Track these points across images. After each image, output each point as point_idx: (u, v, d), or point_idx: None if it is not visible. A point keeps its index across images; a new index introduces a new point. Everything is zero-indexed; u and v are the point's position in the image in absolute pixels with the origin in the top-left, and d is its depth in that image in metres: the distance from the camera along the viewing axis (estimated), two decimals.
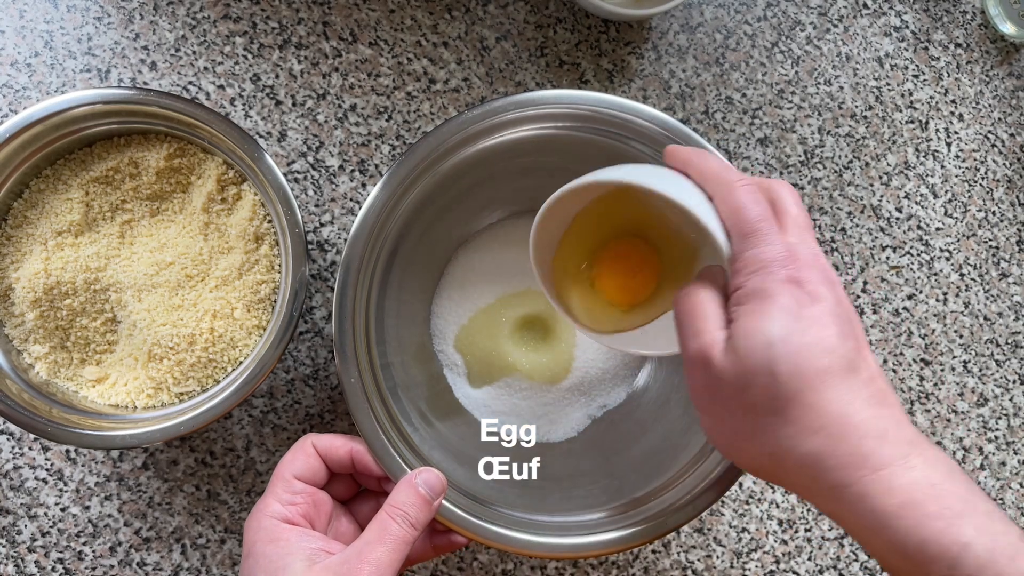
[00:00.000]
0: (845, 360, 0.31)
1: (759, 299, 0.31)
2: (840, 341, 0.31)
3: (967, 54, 0.60)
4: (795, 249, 0.32)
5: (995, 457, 0.57)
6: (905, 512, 0.29)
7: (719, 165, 0.35)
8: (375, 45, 0.54)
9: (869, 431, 0.30)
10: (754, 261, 0.32)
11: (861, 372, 0.31)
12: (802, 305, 0.31)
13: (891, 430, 0.30)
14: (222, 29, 0.53)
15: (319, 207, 0.52)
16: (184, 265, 0.45)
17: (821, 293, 0.31)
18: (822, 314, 0.31)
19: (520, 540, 0.40)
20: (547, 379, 0.50)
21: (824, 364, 0.30)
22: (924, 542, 0.28)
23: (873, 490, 0.29)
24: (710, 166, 0.35)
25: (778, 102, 0.57)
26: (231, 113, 0.52)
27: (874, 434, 0.30)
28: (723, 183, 0.34)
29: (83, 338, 0.45)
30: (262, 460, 0.51)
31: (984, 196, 0.59)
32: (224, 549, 0.50)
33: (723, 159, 0.37)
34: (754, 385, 0.31)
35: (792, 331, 0.30)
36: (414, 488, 0.38)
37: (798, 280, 0.31)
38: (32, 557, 0.49)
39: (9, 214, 0.45)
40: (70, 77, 0.51)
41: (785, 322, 0.30)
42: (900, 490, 0.29)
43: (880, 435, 0.30)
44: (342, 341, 0.41)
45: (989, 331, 0.58)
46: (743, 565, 0.54)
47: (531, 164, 0.47)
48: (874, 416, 0.30)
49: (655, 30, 0.56)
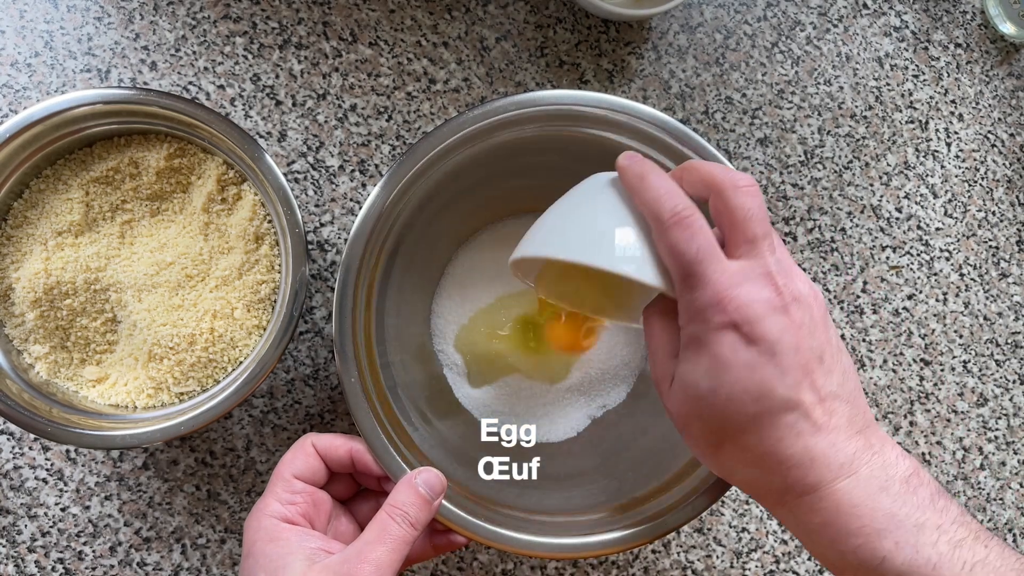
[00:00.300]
0: (780, 401, 0.31)
1: (694, 347, 0.32)
2: (777, 381, 0.31)
3: (967, 54, 0.60)
4: (731, 291, 0.31)
5: (995, 457, 0.57)
6: (825, 530, 0.32)
7: (655, 194, 0.33)
8: (375, 45, 0.54)
9: (798, 462, 0.31)
10: (690, 308, 0.32)
11: (800, 406, 0.31)
12: (736, 351, 0.31)
13: (821, 457, 0.31)
14: (222, 29, 0.53)
15: (319, 207, 0.53)
16: (184, 265, 0.45)
17: (760, 332, 0.31)
18: (756, 358, 0.31)
19: (520, 540, 0.40)
20: (547, 379, 0.51)
21: (752, 411, 0.31)
22: (843, 555, 0.31)
23: (798, 510, 0.32)
24: (647, 197, 0.34)
25: (778, 102, 0.57)
26: (231, 113, 0.52)
27: (804, 464, 0.31)
28: (656, 218, 0.33)
29: (83, 338, 0.45)
30: (262, 460, 0.51)
31: (984, 196, 0.59)
32: (224, 549, 0.50)
33: (662, 181, 0.34)
34: (692, 425, 0.34)
35: (721, 383, 0.31)
36: (414, 488, 0.38)
37: (734, 323, 0.31)
38: (32, 557, 0.49)
39: (9, 214, 0.45)
40: (70, 77, 0.51)
41: (715, 374, 0.31)
42: (822, 511, 0.31)
43: (808, 464, 0.31)
44: (342, 341, 0.41)
45: (989, 331, 0.58)
46: (743, 565, 0.54)
47: (531, 164, 0.47)
48: (805, 447, 0.31)
49: (655, 30, 0.56)
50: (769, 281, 0.31)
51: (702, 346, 0.32)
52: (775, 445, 0.31)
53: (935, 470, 0.56)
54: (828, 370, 0.32)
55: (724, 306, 0.31)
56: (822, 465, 0.31)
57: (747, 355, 0.31)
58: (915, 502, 0.31)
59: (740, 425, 0.32)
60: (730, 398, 0.31)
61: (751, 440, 0.32)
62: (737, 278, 0.31)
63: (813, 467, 0.31)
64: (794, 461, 0.31)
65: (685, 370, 0.33)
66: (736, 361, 0.31)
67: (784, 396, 0.31)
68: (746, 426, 0.32)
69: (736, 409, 0.31)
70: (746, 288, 0.31)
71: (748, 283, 0.31)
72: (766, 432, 0.31)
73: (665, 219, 0.32)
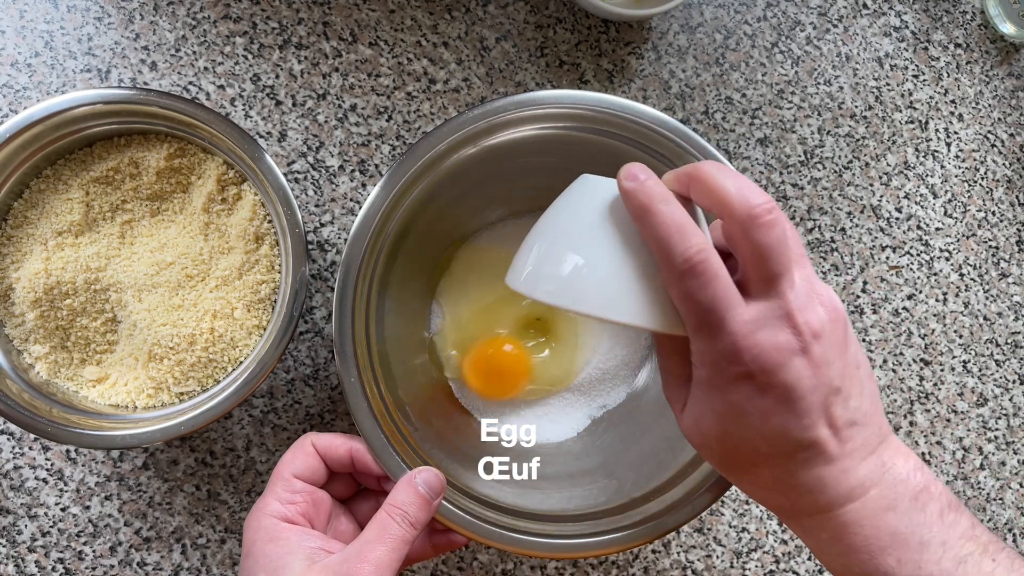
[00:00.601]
0: (794, 443, 0.31)
1: (707, 390, 0.32)
2: (792, 425, 0.30)
3: (967, 54, 0.60)
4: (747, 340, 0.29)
5: (995, 457, 0.57)
6: (832, 545, 0.32)
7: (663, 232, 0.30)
8: (375, 45, 0.54)
9: (809, 489, 0.32)
10: (703, 353, 0.31)
11: (816, 444, 0.31)
12: (751, 399, 0.30)
13: (833, 484, 0.31)
14: (222, 29, 0.53)
15: (319, 207, 0.53)
16: (184, 265, 0.45)
17: (776, 381, 0.29)
18: (772, 406, 0.30)
19: (520, 540, 0.40)
20: (549, 383, 0.50)
21: (765, 452, 0.31)
22: (848, 567, 0.32)
23: (807, 525, 0.33)
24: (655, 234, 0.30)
25: (778, 102, 0.57)
26: (231, 113, 0.52)
27: (815, 491, 0.32)
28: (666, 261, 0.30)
29: (83, 338, 0.45)
30: (262, 460, 0.51)
31: (984, 196, 0.59)
32: (224, 549, 0.50)
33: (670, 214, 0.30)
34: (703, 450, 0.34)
35: (734, 427, 0.31)
36: (414, 488, 0.38)
37: (750, 374, 0.30)
38: (32, 557, 0.49)
39: (9, 214, 0.45)
40: (70, 77, 0.51)
41: (728, 420, 0.31)
42: (830, 528, 0.32)
43: (819, 490, 0.32)
44: (342, 341, 0.41)
45: (989, 331, 0.58)
46: (743, 565, 0.54)
47: (531, 164, 0.47)
48: (818, 476, 0.31)
49: (655, 30, 0.56)
50: (788, 322, 0.30)
51: (715, 391, 0.31)
52: (787, 477, 0.32)
53: (935, 470, 0.56)
54: (846, 398, 0.31)
55: (740, 357, 0.29)
56: (833, 491, 0.31)
57: (762, 403, 0.30)
58: (922, 519, 0.31)
59: (752, 461, 0.32)
60: (744, 440, 0.31)
61: (763, 472, 0.32)
62: (753, 325, 0.29)
63: (824, 493, 0.31)
64: (805, 488, 0.32)
65: (698, 409, 0.33)
66: (751, 409, 0.30)
67: (799, 438, 0.31)
68: (758, 462, 0.32)
69: (750, 449, 0.31)
70: (763, 335, 0.29)
71: (765, 329, 0.29)
72: (779, 467, 0.32)
73: (677, 265, 0.29)
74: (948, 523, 0.31)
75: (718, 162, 0.32)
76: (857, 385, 0.32)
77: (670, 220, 0.30)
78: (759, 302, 0.30)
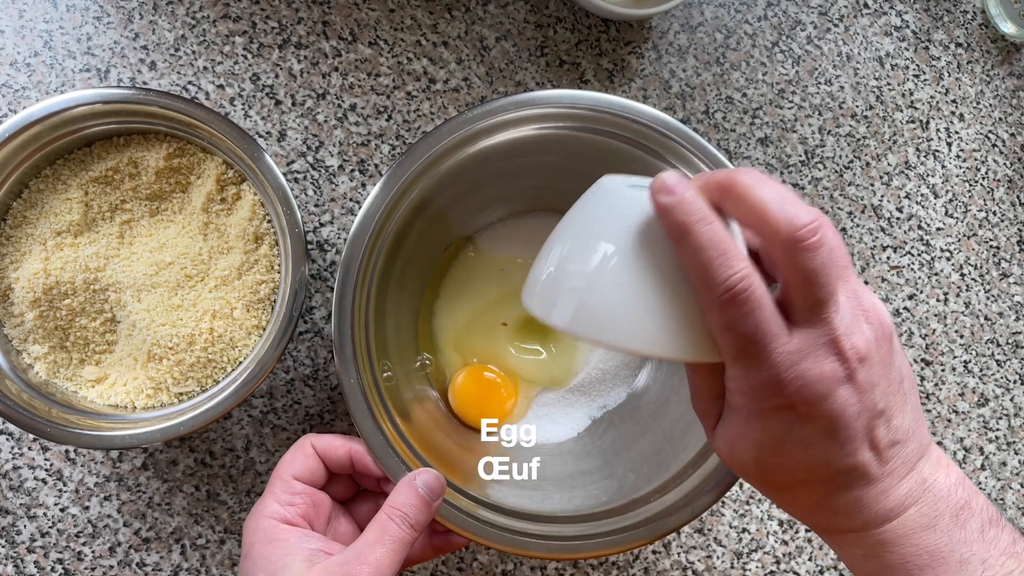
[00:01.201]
0: (834, 471, 0.30)
1: (744, 415, 0.31)
2: (834, 454, 0.29)
3: (968, 54, 0.60)
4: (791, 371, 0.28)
5: (995, 457, 0.57)
6: (867, 562, 0.32)
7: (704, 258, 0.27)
8: (375, 45, 0.54)
9: (847, 510, 0.31)
10: (741, 381, 0.29)
11: (856, 469, 0.30)
12: (791, 430, 0.29)
13: (871, 504, 0.31)
14: (222, 29, 0.52)
15: (319, 207, 0.52)
16: (184, 265, 0.45)
17: (819, 412, 0.28)
18: (813, 435, 0.29)
19: (520, 541, 0.40)
20: (548, 383, 0.50)
21: (803, 478, 0.31)
22: None
23: (842, 541, 0.33)
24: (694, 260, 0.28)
25: (778, 102, 0.57)
26: (231, 113, 0.52)
27: (852, 512, 0.31)
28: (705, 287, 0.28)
29: (82, 338, 0.45)
30: (262, 460, 0.51)
31: (985, 196, 0.59)
32: (224, 549, 0.50)
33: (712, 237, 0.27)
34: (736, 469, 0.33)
35: (771, 456, 0.31)
36: (413, 489, 0.38)
37: (792, 405, 0.28)
38: (32, 557, 0.49)
39: (8, 214, 0.45)
40: (69, 77, 0.51)
41: (766, 448, 0.30)
42: (866, 547, 0.32)
43: (857, 512, 0.31)
44: (342, 341, 0.41)
45: (990, 331, 0.58)
46: (743, 565, 0.53)
47: (531, 164, 0.47)
48: (856, 497, 0.31)
49: (655, 30, 0.56)
50: (833, 349, 0.28)
51: (753, 418, 0.30)
52: (824, 499, 0.31)
53: None
54: (889, 418, 0.30)
55: (783, 389, 0.28)
56: (871, 512, 0.31)
57: (802, 433, 0.29)
58: (962, 537, 0.31)
59: (789, 485, 0.32)
60: (781, 468, 0.31)
61: (799, 493, 0.32)
62: (798, 356, 0.28)
63: (862, 514, 0.31)
64: (842, 509, 0.31)
65: (732, 433, 0.31)
66: (790, 439, 0.29)
67: (839, 466, 0.30)
68: (795, 486, 0.32)
69: (787, 476, 0.31)
70: (807, 364, 0.28)
71: (810, 358, 0.28)
72: (817, 491, 0.31)
73: (717, 292, 0.27)
74: (989, 540, 0.31)
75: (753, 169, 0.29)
76: (900, 401, 0.31)
77: (711, 243, 0.27)
78: (803, 330, 0.28)
